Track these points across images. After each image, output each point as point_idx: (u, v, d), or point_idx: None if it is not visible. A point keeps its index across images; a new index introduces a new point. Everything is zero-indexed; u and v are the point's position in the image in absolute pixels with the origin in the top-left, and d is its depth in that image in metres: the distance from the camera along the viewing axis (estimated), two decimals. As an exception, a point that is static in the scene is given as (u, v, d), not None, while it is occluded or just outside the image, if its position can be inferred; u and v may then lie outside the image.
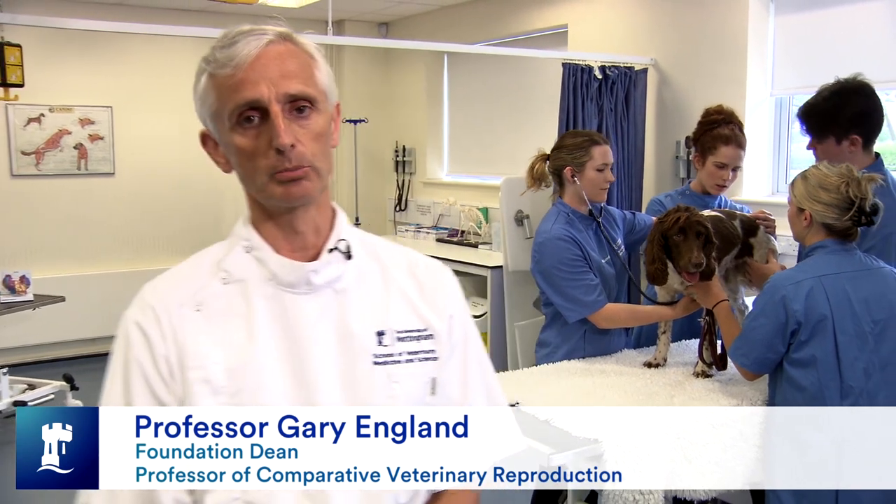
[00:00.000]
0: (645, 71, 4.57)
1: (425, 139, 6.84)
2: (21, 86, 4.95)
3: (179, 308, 1.14)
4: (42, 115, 6.06)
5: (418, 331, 1.21)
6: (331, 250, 1.18)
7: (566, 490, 2.36)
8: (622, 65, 4.48)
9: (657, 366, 2.61)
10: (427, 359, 1.20)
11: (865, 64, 3.75)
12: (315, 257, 1.18)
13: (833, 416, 2.17)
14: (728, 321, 2.43)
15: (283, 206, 1.15)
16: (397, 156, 7.05)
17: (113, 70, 6.22)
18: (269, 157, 1.10)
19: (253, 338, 1.13)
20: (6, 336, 5.68)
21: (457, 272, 4.70)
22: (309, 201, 1.15)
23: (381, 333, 1.17)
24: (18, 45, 4.83)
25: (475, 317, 4.94)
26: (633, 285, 2.83)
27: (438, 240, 6.14)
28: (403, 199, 7.02)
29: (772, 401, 2.31)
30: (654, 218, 2.80)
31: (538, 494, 2.78)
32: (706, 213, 2.73)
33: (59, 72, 6.02)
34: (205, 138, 1.21)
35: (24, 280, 4.74)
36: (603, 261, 2.72)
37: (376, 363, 1.16)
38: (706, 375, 2.50)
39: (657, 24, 4.68)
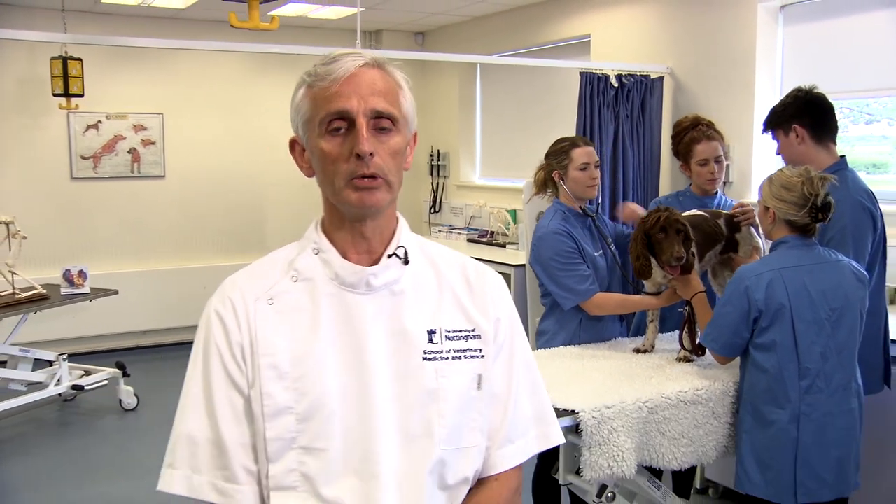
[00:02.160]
0: (661, 79, 4.78)
1: (459, 144, 7.11)
2: (81, 96, 5.38)
3: (255, 301, 1.26)
4: (99, 121, 6.44)
5: (466, 331, 1.30)
6: (390, 256, 1.28)
7: (558, 462, 2.60)
8: (638, 73, 4.69)
9: (645, 352, 2.84)
10: (473, 356, 1.29)
11: (870, 71, 3.94)
12: (377, 261, 1.28)
13: (791, 394, 2.39)
14: (704, 311, 2.66)
15: (355, 213, 1.25)
16: (432, 160, 7.31)
17: (164, 80, 6.57)
18: (349, 163, 1.21)
19: (316, 330, 1.23)
20: (65, 326, 6.05)
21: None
22: (379, 211, 1.26)
23: (431, 332, 1.27)
24: (79, 59, 5.25)
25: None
26: (625, 279, 3.05)
27: (469, 240, 6.39)
28: (438, 201, 7.27)
29: (741, 382, 2.53)
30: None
31: (541, 464, 3.03)
32: (692, 212, 2.96)
33: (115, 82, 6.39)
34: (293, 144, 1.31)
35: (82, 274, 5.09)
36: (596, 254, 2.96)
37: (425, 359, 1.25)
38: (688, 360, 2.72)
39: (673, 33, 4.88)
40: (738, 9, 4.45)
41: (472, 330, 1.30)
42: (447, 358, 1.27)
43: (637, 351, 2.85)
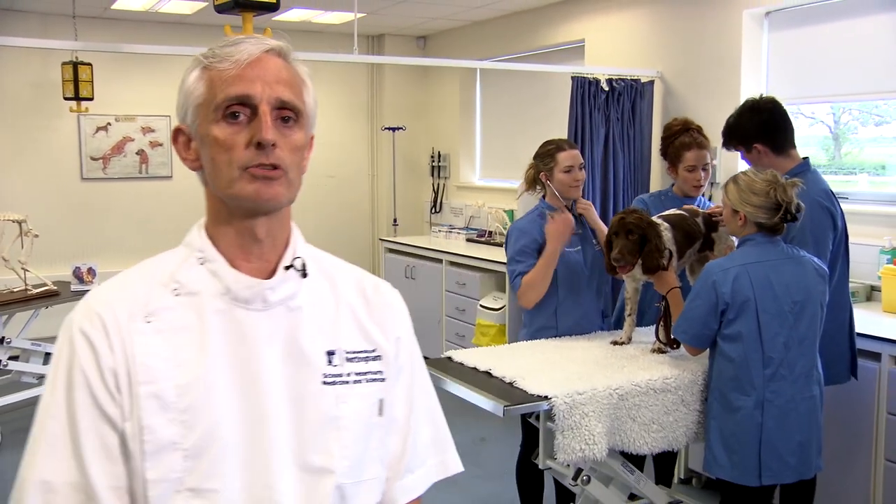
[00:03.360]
0: (651, 83, 4.92)
1: (459, 146, 7.25)
2: (91, 99, 5.56)
3: (128, 319, 1.07)
4: (109, 124, 6.62)
5: (366, 352, 1.18)
6: (287, 267, 1.14)
7: (538, 449, 2.75)
8: (629, 77, 4.84)
9: (622, 344, 2.99)
10: (374, 380, 1.18)
11: (853, 76, 4.08)
12: (270, 272, 1.14)
13: (756, 382, 2.53)
14: (678, 305, 2.80)
15: (248, 208, 1.11)
16: (433, 161, 7.47)
17: (171, 82, 6.56)
18: (247, 152, 1.08)
19: (204, 354, 1.07)
20: (75, 323, 6.23)
21: (481, 269, 5.15)
22: (275, 207, 1.12)
23: (331, 353, 1.14)
24: (89, 64, 5.43)
25: (494, 309, 5.35)
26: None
27: (468, 239, 6.53)
28: (438, 201, 7.41)
29: (709, 371, 2.68)
30: None
31: (524, 450, 3.18)
32: (672, 211, 3.11)
33: (124, 85, 6.57)
34: (177, 134, 1.16)
35: (91, 272, 5.26)
36: (570, 249, 3.11)
37: (325, 383, 1.13)
38: (662, 352, 2.87)
39: (663, 39, 5.02)
40: (725, 15, 4.58)
41: (373, 350, 1.18)
42: (348, 381, 1.14)
43: (615, 343, 3.00)
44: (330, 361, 1.14)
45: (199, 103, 1.11)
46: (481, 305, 5.48)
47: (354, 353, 1.17)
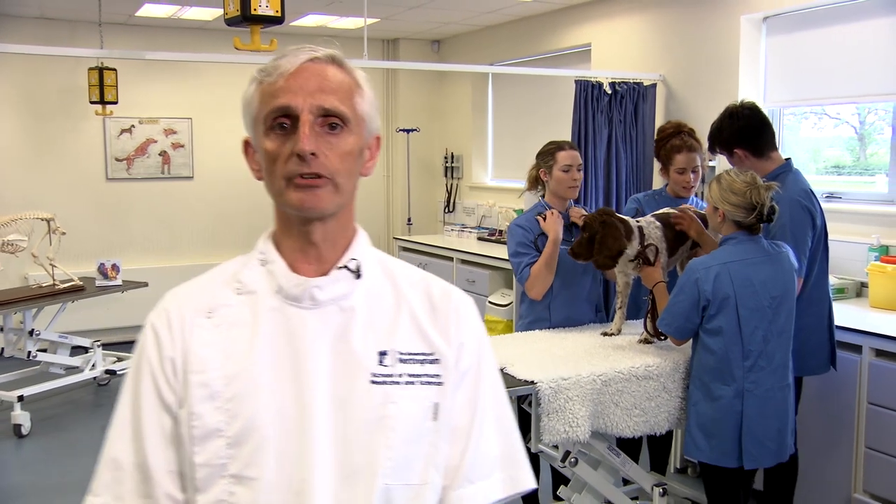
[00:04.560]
0: (654, 86, 5.06)
1: (472, 147, 7.43)
2: (115, 103, 5.80)
3: (193, 314, 1.15)
4: (132, 126, 6.87)
5: (423, 354, 1.17)
6: (340, 268, 1.17)
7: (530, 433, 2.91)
8: (631, 80, 4.99)
9: (612, 335, 3.16)
10: (430, 382, 1.16)
11: (847, 78, 4.21)
12: (327, 272, 1.17)
13: (736, 373, 2.69)
14: (663, 299, 2.95)
15: (299, 216, 1.15)
16: (447, 162, 7.64)
17: (192, 86, 6.98)
18: (290, 163, 1.11)
19: (253, 347, 1.13)
20: (100, 317, 6.45)
21: (490, 266, 5.33)
22: (323, 213, 1.15)
23: (383, 353, 1.15)
24: (114, 69, 5.68)
25: (502, 305, 5.52)
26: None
27: (479, 238, 6.69)
28: (452, 201, 7.59)
29: (692, 362, 2.83)
30: None
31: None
32: (665, 210, 3.26)
33: (147, 89, 6.80)
34: (246, 146, 1.22)
35: (115, 268, 5.49)
36: (563, 247, 3.27)
37: (374, 382, 1.13)
38: (648, 342, 3.03)
39: (666, 43, 5.17)
40: (724, 20, 4.72)
41: (431, 353, 1.18)
42: (399, 382, 1.14)
43: (605, 334, 3.16)
44: (381, 361, 1.15)
45: (253, 117, 1.17)
46: (490, 302, 5.64)
47: (409, 354, 1.17)
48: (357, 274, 1.18)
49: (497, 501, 1.21)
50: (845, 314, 3.46)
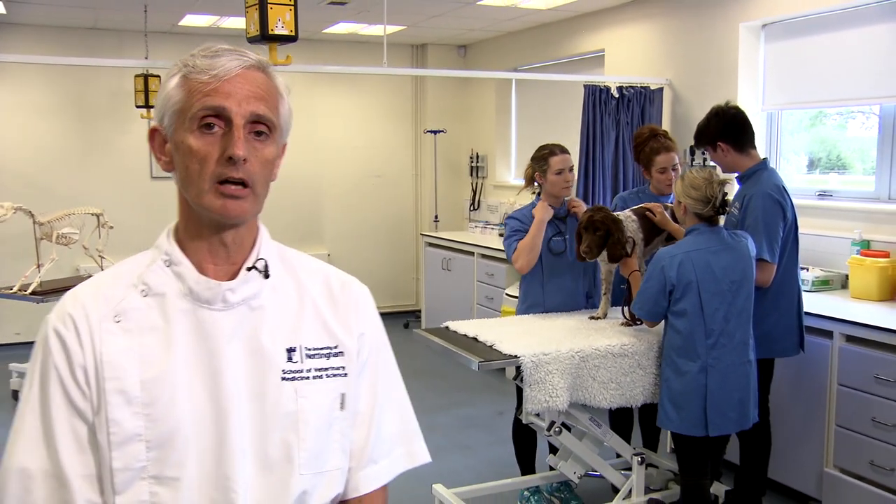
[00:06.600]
0: (661, 90, 5.34)
1: (496, 147, 7.75)
2: (159, 107, 6.23)
3: (100, 319, 1.13)
4: (176, 128, 7.31)
5: (328, 348, 1.22)
6: (249, 269, 1.19)
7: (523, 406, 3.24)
8: (638, 85, 5.28)
9: (598, 318, 3.46)
10: (336, 375, 1.21)
11: (843, 82, 4.44)
12: (235, 273, 1.19)
13: (700, 351, 2.99)
14: (637, 286, 3.26)
15: (216, 221, 1.16)
16: (472, 161, 7.96)
17: None
18: (218, 165, 1.12)
19: (169, 351, 1.13)
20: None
21: (507, 261, 5.58)
22: (241, 222, 1.17)
23: (291, 350, 1.19)
24: (158, 76, 6.12)
25: (513, 297, 5.83)
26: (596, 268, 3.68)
27: (500, 234, 7.01)
28: (476, 199, 7.92)
29: (663, 341, 3.14)
30: None
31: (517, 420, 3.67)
32: (641, 206, 3.56)
33: (189, 93, 7.26)
34: (153, 134, 1.20)
35: (159, 261, 5.91)
36: (556, 238, 3.57)
37: (284, 379, 1.17)
38: (628, 325, 3.34)
39: (672, 49, 5.44)
40: (724, 27, 4.98)
41: (335, 347, 1.23)
42: (307, 377, 1.19)
43: (592, 318, 3.48)
44: (290, 358, 1.19)
45: (176, 109, 1.15)
46: (507, 294, 5.96)
47: (316, 349, 1.21)
48: (265, 273, 1.20)
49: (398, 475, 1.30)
50: (825, 303, 3.72)
